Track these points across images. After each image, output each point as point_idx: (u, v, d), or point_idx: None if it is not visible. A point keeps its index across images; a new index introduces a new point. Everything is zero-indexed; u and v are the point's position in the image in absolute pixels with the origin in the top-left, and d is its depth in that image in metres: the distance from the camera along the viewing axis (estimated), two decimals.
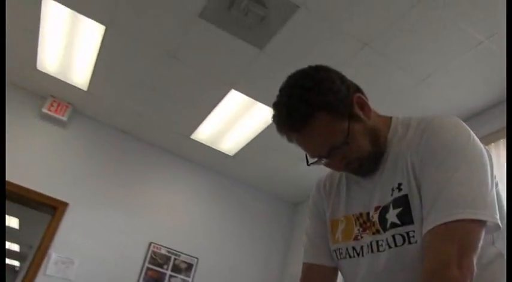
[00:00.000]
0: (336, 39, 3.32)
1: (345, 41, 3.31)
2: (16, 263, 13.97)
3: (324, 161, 1.15)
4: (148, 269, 4.92)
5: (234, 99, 4.33)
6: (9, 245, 11.92)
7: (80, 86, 4.82)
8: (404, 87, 3.60)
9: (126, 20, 3.73)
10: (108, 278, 4.70)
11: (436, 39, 3.11)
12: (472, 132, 1.08)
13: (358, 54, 3.40)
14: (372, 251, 1.13)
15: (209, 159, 5.48)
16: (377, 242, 1.12)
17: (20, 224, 9.79)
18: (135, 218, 5.10)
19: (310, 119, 1.08)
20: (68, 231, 4.71)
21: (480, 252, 0.98)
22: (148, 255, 4.98)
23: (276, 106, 1.14)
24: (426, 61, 3.32)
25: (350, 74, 1.23)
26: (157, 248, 5.05)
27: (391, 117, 1.22)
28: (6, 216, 9.06)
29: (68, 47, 4.28)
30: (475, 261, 0.95)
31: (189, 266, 5.11)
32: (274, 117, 1.15)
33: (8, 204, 4.99)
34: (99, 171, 5.15)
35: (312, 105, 1.08)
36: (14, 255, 12.93)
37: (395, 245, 1.08)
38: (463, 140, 1.05)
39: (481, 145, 1.07)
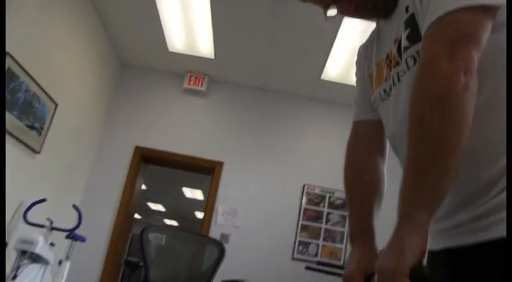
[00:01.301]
0: None
1: None
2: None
3: (334, 7, 1.07)
4: (305, 209, 5.26)
5: (350, 26, 4.30)
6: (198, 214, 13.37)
7: (207, 56, 5.27)
8: None
9: None
10: (270, 222, 5.16)
11: None
12: None
13: None
14: (394, 84, 1.06)
15: (343, 96, 5.56)
16: (397, 73, 1.05)
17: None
18: (286, 164, 5.47)
19: None
20: (228, 186, 5.28)
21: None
22: (304, 196, 5.31)
23: None
24: None
25: None
26: (311, 188, 5.35)
27: None
28: (188, 189, 10.22)
29: (186, 22, 4.71)
30: (475, 53, 0.83)
31: (345, 202, 5.31)
32: None
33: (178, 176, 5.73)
34: (245, 128, 5.61)
35: None
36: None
37: (408, 68, 0.99)
38: None
39: None
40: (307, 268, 4.63)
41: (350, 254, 1.01)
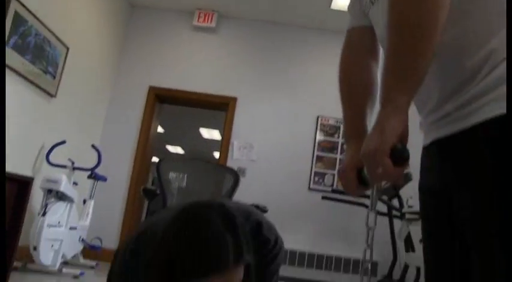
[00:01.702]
0: None
1: None
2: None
3: None
4: (320, 140, 5.32)
5: None
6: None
7: None
8: None
9: None
10: (285, 154, 5.26)
11: None
12: None
13: None
14: None
15: None
16: None
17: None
18: (299, 97, 5.48)
19: None
20: (243, 121, 5.35)
21: None
22: (318, 128, 5.35)
23: None
24: None
25: None
26: (325, 119, 5.38)
27: None
28: (204, 129, 10.33)
29: None
30: None
31: None
32: None
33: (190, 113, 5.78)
34: (256, 63, 5.59)
35: None
36: None
37: None
38: None
39: None
40: (324, 198, 4.75)
41: (345, 152, 1.05)
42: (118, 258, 1.28)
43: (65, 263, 4.17)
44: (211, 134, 10.78)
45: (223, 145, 5.30)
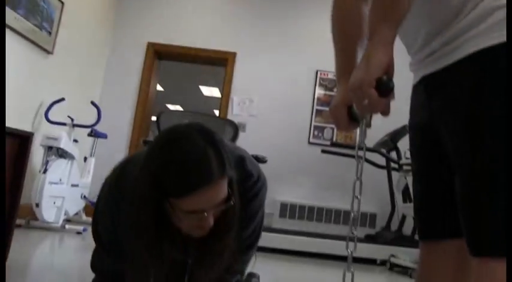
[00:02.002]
0: None
1: None
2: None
3: None
4: (319, 94, 5.31)
5: None
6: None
7: None
8: None
9: None
10: (285, 109, 5.26)
11: None
12: None
13: None
14: None
15: None
16: None
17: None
18: (298, 51, 5.44)
19: None
20: (242, 77, 5.33)
21: None
22: (317, 82, 5.33)
23: None
24: None
25: None
26: (324, 74, 5.35)
27: None
28: (205, 88, 10.28)
29: None
30: None
31: None
32: None
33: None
34: (255, 16, 5.52)
35: None
36: None
37: None
38: None
39: None
40: (323, 151, 4.79)
41: (336, 90, 1.06)
42: (100, 194, 1.30)
43: (68, 221, 4.24)
44: (211, 91, 10.73)
45: (223, 101, 5.30)
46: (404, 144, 4.69)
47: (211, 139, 1.08)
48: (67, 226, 3.92)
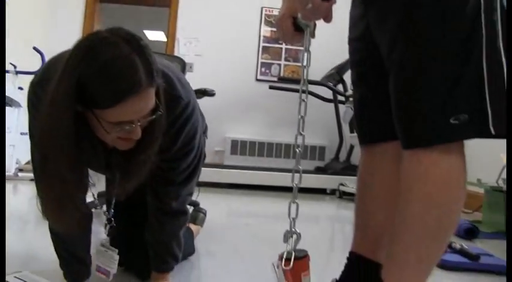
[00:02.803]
0: None
1: None
2: None
3: None
4: (265, 31, 5.30)
5: None
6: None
7: None
8: None
9: None
10: (231, 47, 5.24)
11: None
12: None
13: None
14: None
15: None
16: None
17: None
18: None
19: None
20: (187, 16, 5.22)
21: None
22: (263, 19, 5.30)
23: None
24: None
25: None
26: (269, 10, 5.32)
27: None
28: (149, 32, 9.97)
29: None
30: None
31: None
32: None
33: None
34: None
35: None
36: None
37: None
38: None
39: None
40: (271, 87, 4.85)
41: (281, 4, 1.11)
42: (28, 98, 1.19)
43: (20, 170, 4.18)
44: (156, 35, 10.45)
45: (169, 42, 5.20)
46: (349, 76, 4.82)
47: (138, 46, 0.99)
48: (20, 174, 3.89)
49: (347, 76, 4.74)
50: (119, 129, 1.02)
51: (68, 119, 0.99)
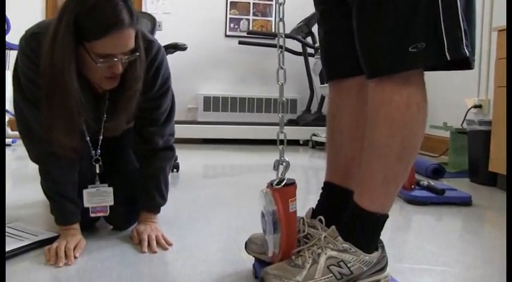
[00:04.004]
0: None
1: None
2: None
3: None
4: None
5: None
6: None
7: None
8: None
9: None
10: (199, 5, 5.16)
11: None
12: None
13: None
14: None
15: None
16: None
17: None
18: None
19: None
20: None
21: None
22: None
23: None
24: None
25: None
26: None
27: None
28: None
29: None
30: None
31: None
32: None
33: None
34: None
35: None
36: None
37: None
38: None
39: None
40: (241, 43, 4.86)
41: None
42: (18, 55, 1.35)
43: None
44: None
45: (136, 2, 5.10)
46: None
47: None
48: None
49: (315, 28, 4.79)
50: (103, 61, 1.21)
51: (70, 52, 1.20)
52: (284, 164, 1.12)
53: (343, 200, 1.23)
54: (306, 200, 2.25)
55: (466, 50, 0.98)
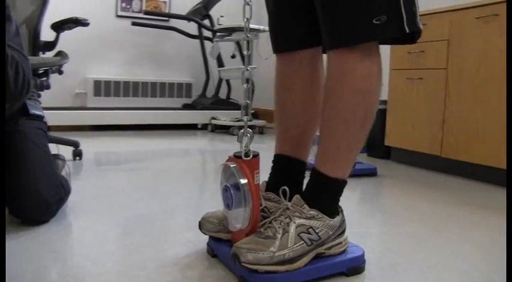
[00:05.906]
0: None
1: None
2: None
3: None
4: None
5: None
6: None
7: None
8: None
9: None
10: None
11: None
12: None
13: None
14: None
15: None
16: None
17: None
18: None
19: None
20: None
21: None
22: None
23: None
24: None
25: None
26: None
27: None
28: None
29: None
30: None
31: None
32: None
33: None
34: None
35: None
36: None
37: None
38: None
39: None
40: (134, 24, 4.67)
41: None
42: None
43: None
44: None
45: None
46: (216, 11, 4.85)
47: None
48: None
49: (213, 11, 4.77)
50: None
51: None
52: (249, 135, 1.12)
53: (297, 170, 1.26)
54: (205, 183, 2.27)
55: (420, 24, 1.06)
